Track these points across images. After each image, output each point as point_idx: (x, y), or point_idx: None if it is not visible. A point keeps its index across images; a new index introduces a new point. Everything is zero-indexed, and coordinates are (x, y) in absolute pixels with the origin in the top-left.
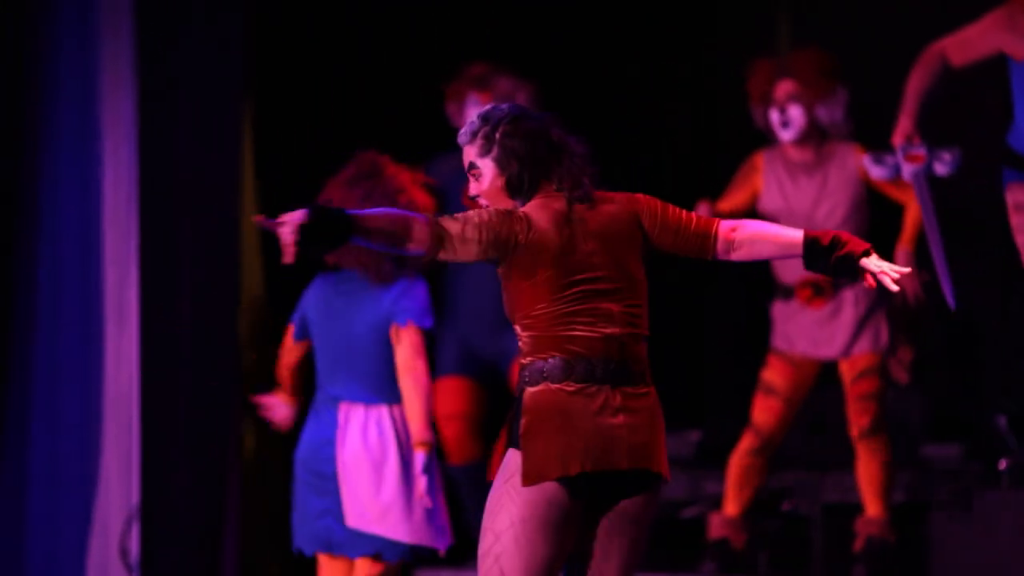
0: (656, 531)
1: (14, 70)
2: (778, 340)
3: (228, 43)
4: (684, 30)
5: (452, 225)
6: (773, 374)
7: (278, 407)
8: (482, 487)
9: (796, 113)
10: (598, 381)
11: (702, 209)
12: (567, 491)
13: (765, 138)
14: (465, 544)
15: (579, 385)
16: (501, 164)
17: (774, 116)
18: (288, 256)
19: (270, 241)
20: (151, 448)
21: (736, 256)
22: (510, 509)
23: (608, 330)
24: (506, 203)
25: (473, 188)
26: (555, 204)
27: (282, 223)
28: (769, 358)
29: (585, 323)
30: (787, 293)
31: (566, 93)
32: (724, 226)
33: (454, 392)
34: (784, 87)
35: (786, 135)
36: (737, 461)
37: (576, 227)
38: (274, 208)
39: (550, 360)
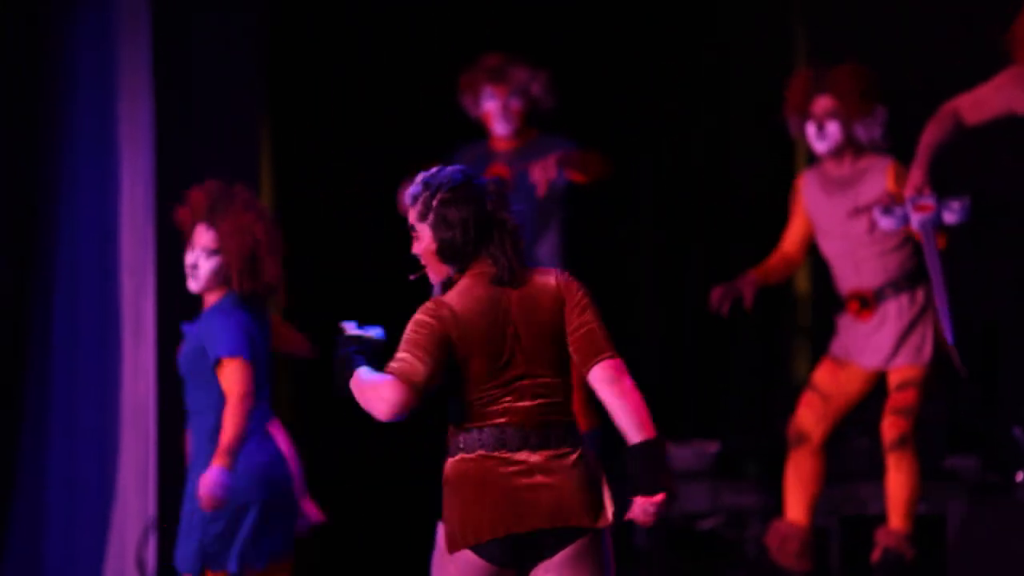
0: (673, 541)
1: (32, 78)
2: (835, 346)
3: (245, 51)
4: (699, 37)
5: (413, 364)
6: (819, 372)
7: None
8: None
9: (833, 129)
10: (511, 448)
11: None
12: (483, 557)
13: (779, 144)
14: None
15: (494, 452)
16: (436, 230)
17: (811, 129)
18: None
19: (286, 245)
20: (168, 459)
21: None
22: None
23: (522, 404)
24: (440, 268)
25: (414, 247)
26: (481, 286)
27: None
28: (822, 359)
29: (505, 399)
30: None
31: (577, 98)
32: (597, 368)
33: None
34: (822, 103)
35: (821, 146)
36: (787, 463)
37: (501, 309)
38: (291, 213)
39: (469, 433)
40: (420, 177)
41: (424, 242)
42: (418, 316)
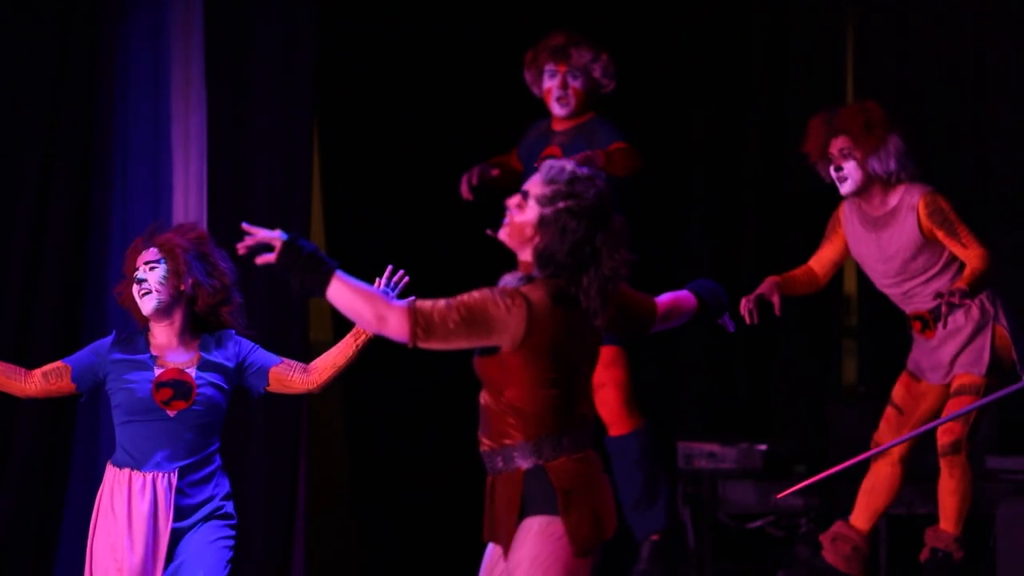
0: (722, 541)
1: (87, 80)
2: (909, 362)
3: (297, 61)
4: (754, 32)
5: (431, 307)
6: (896, 387)
7: None
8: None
9: (850, 168)
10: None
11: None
12: (600, 550)
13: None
14: None
15: (589, 452)
16: (542, 223)
17: (832, 172)
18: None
19: (337, 249)
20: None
21: (657, 329)
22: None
23: (587, 409)
24: (523, 250)
25: (513, 212)
26: (561, 304)
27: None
28: (901, 374)
29: (577, 404)
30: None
31: (634, 92)
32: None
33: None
34: (837, 144)
35: (844, 188)
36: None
37: (574, 327)
38: (342, 220)
39: (560, 436)
40: (572, 165)
41: (527, 219)
42: (490, 293)
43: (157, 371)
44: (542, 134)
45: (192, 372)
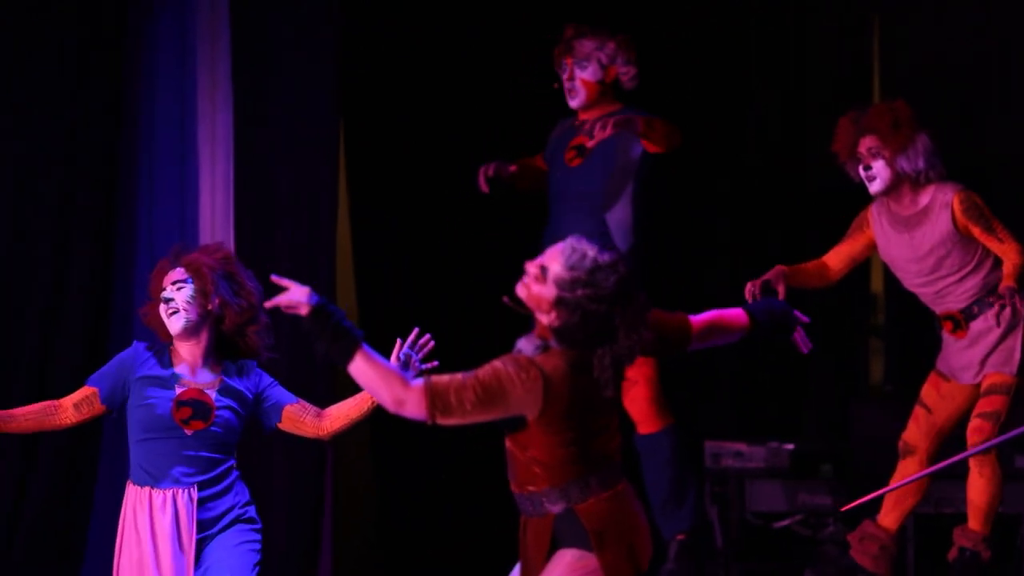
0: (750, 540)
1: (114, 83)
2: (939, 362)
3: (322, 63)
4: (776, 29)
5: (447, 386)
6: (926, 387)
7: None
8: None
9: (879, 167)
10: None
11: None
12: None
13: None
14: None
15: (613, 490)
16: (560, 303)
17: (861, 172)
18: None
19: (363, 255)
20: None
21: (697, 347)
22: None
23: (612, 449)
24: (541, 319)
25: (531, 281)
26: (577, 372)
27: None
28: (930, 374)
29: (602, 450)
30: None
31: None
32: (694, 323)
33: None
34: (865, 143)
35: (873, 188)
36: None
37: (592, 391)
38: (368, 221)
39: (587, 478)
40: (594, 252)
41: (544, 296)
42: (504, 369)
43: (178, 390)
44: (568, 128)
45: (212, 394)
